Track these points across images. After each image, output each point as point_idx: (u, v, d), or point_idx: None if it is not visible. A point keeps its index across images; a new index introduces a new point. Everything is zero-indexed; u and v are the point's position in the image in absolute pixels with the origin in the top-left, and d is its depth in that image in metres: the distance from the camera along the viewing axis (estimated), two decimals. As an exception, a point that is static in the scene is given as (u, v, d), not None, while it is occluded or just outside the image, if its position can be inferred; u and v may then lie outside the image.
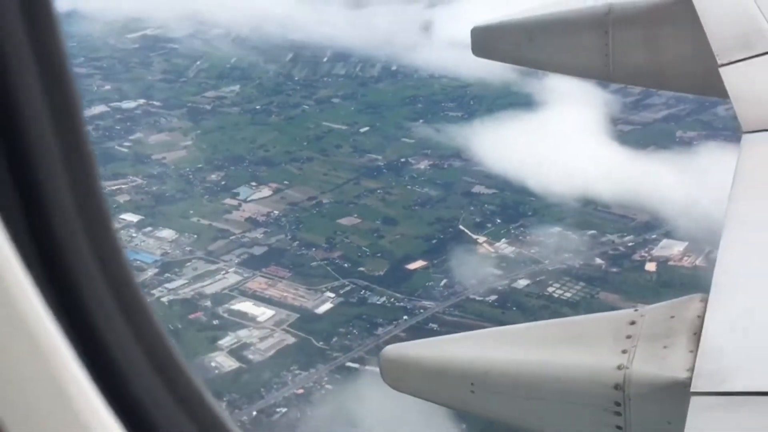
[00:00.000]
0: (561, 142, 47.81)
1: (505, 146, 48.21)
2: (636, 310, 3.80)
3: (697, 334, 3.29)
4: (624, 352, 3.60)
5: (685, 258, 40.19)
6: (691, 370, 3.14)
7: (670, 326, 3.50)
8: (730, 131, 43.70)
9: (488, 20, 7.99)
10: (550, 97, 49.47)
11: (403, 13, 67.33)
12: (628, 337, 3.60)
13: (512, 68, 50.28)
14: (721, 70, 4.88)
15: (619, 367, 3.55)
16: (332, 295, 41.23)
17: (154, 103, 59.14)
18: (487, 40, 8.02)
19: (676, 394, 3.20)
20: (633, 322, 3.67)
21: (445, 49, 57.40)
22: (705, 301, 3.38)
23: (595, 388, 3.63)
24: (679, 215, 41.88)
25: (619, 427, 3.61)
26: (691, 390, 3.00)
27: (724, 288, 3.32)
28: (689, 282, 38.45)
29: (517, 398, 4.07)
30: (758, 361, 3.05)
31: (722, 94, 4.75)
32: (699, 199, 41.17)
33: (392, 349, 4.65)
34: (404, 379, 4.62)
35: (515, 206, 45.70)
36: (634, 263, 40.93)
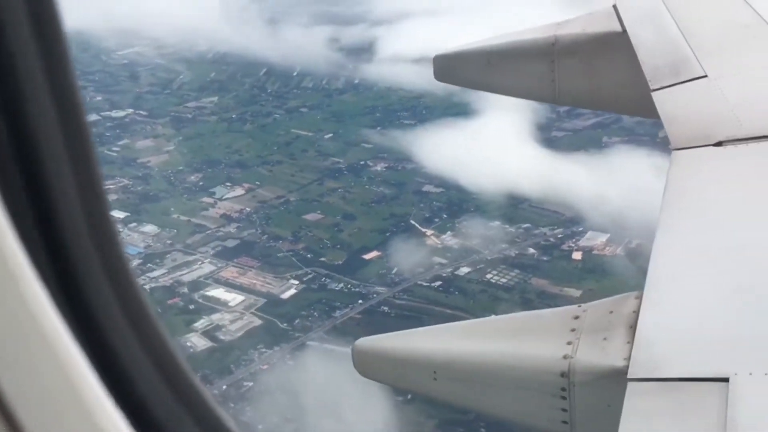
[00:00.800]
0: (501, 146, 48.22)
1: (452, 150, 48.45)
2: (579, 306, 3.81)
3: (633, 328, 3.30)
4: (569, 343, 3.63)
5: (607, 248, 40.66)
6: (628, 359, 3.15)
7: (609, 320, 3.52)
8: (648, 136, 44.81)
9: (448, 49, 7.94)
10: (494, 106, 50.03)
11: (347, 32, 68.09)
12: (573, 330, 3.63)
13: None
14: (654, 94, 4.88)
15: (564, 357, 3.59)
16: (296, 282, 41.47)
17: (141, 112, 58.92)
18: (448, 67, 7.96)
19: (615, 381, 3.21)
20: (577, 317, 3.70)
21: (393, 64, 58.25)
22: (639, 298, 3.41)
23: (543, 376, 3.66)
24: (602, 210, 42.36)
25: (564, 410, 3.63)
26: (628, 377, 3.02)
27: (656, 287, 3.32)
28: (610, 269, 39.23)
29: (474, 385, 4.09)
30: (686, 351, 3.07)
31: (654, 115, 4.74)
32: (620, 196, 42.15)
33: (363, 342, 4.61)
34: (374, 368, 4.62)
35: (460, 203, 45.92)
36: (562, 252, 41.34)
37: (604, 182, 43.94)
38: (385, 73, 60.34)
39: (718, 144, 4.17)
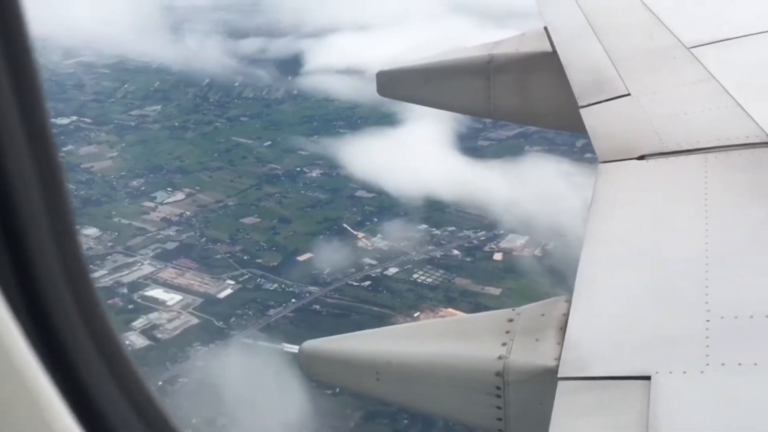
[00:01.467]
0: (430, 154, 48.98)
1: (384, 158, 48.93)
2: (513, 310, 3.83)
3: (563, 330, 3.33)
4: (503, 344, 3.67)
5: (526, 249, 41.36)
6: (558, 359, 3.18)
7: (541, 323, 3.56)
8: (566, 146, 45.86)
9: (390, 66, 7.98)
10: (425, 117, 50.69)
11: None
12: (507, 332, 3.66)
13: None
14: (581, 110, 4.94)
15: (499, 357, 3.62)
16: (232, 282, 41.34)
17: (85, 120, 58.02)
18: (390, 83, 7.97)
19: (547, 379, 3.24)
20: (511, 320, 3.72)
21: (328, 75, 58.67)
22: (569, 302, 3.43)
23: (479, 375, 3.68)
24: (522, 214, 43.18)
25: (499, 408, 3.65)
26: (559, 375, 3.05)
27: (584, 292, 3.37)
28: (528, 269, 40.08)
29: (415, 384, 4.11)
30: (611, 351, 3.12)
31: (582, 130, 4.79)
32: (537, 201, 43.12)
33: (308, 345, 4.58)
34: (319, 370, 4.63)
35: (390, 208, 46.20)
36: (484, 254, 41.89)
37: (523, 188, 44.87)
38: (321, 84, 60.62)
39: (641, 158, 4.28)
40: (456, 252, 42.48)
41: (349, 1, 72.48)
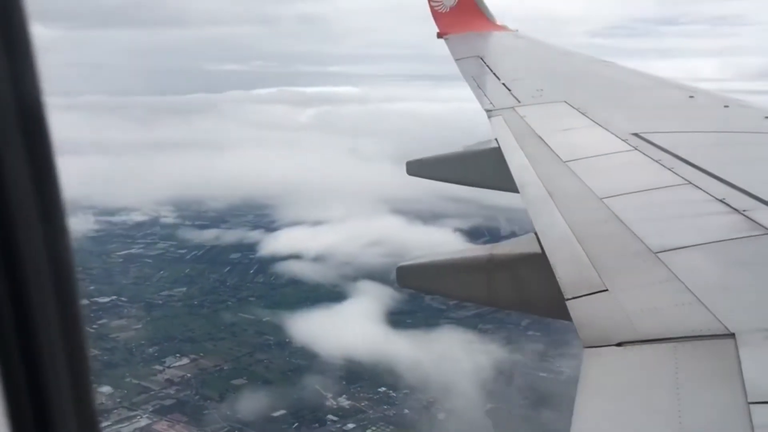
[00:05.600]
0: (394, 331, 50.37)
1: (354, 331, 50.27)
2: None
3: None
4: None
5: (466, 410, 41.11)
6: None
7: None
8: (513, 325, 46.11)
9: (408, 262, 8.23)
10: (379, 297, 53.26)
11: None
12: None
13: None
14: (567, 302, 5.00)
15: None
16: (212, 434, 41.03)
17: (122, 299, 59.78)
18: (408, 276, 8.09)
19: None
20: None
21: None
22: None
23: None
24: (470, 379, 43.43)
25: None
26: None
27: None
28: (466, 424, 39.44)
29: None
30: None
31: (569, 318, 4.84)
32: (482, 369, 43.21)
33: None
34: None
35: (357, 373, 46.62)
36: (430, 413, 41.74)
37: (470, 358, 45.19)
38: (306, 270, 63.27)
39: (619, 344, 4.34)
40: (406, 411, 42.11)
41: (306, 203, 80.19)
